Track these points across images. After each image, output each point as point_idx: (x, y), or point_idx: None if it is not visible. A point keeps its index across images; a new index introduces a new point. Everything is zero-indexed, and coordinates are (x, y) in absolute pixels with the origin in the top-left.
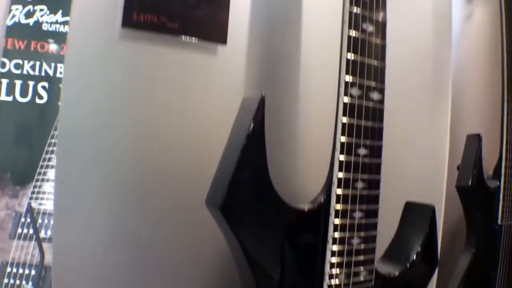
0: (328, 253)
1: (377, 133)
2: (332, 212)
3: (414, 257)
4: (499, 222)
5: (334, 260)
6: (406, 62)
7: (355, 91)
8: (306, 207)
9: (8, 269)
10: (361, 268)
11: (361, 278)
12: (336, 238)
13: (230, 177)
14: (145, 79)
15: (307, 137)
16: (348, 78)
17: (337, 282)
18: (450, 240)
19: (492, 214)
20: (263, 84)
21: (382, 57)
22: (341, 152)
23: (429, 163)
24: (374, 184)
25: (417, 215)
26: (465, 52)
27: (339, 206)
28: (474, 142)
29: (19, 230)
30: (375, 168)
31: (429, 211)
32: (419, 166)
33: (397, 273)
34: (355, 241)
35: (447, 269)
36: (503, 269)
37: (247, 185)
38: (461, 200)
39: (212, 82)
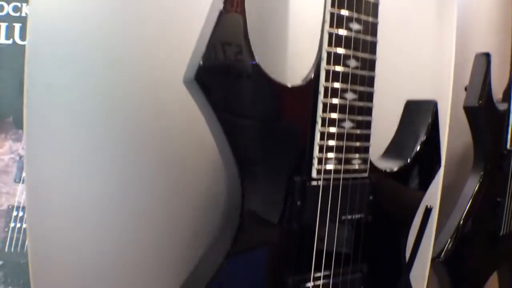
0: (317, 135)
1: (372, 8)
2: (321, 90)
3: (416, 151)
4: (508, 146)
5: (322, 142)
6: None
7: None
8: (291, 84)
9: (15, 213)
10: (355, 155)
11: (355, 166)
12: (325, 118)
13: (206, 42)
14: None
15: (298, 14)
16: None
17: (327, 167)
18: (455, 166)
19: (501, 138)
20: None
21: None
22: (331, 25)
23: (433, 81)
24: (369, 65)
25: (418, 111)
26: None
27: (328, 84)
28: (483, 61)
29: (24, 174)
30: (370, 46)
31: (431, 106)
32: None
33: (395, 169)
34: (347, 124)
35: (453, 195)
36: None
37: (224, 51)
38: (468, 122)
39: None
